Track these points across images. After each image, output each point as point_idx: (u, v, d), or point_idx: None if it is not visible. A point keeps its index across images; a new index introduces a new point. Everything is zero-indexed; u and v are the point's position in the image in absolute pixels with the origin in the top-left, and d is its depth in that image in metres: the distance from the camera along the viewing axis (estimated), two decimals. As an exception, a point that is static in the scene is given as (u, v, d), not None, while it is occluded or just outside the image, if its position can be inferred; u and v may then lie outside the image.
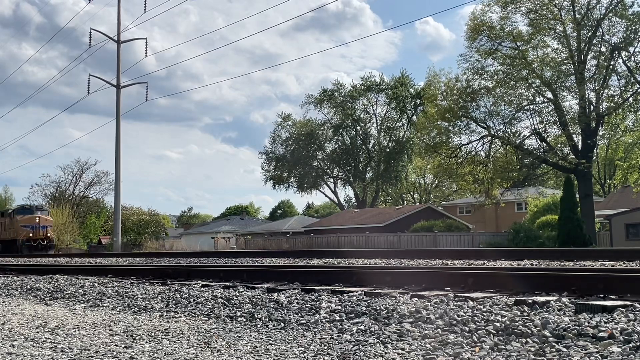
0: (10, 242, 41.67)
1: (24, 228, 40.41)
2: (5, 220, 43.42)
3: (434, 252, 13.16)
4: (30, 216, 41.69)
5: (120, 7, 45.19)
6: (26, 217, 41.47)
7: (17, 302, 7.57)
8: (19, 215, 41.85)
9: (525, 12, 35.65)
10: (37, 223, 41.06)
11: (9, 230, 42.20)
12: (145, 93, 43.78)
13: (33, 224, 41.08)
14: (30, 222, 41.05)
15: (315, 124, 68.15)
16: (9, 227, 42.25)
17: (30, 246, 39.89)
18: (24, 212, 42.18)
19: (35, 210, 42.65)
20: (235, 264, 11.81)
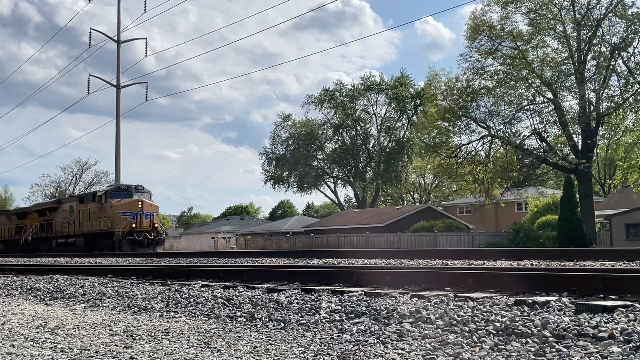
0: (100, 236, 31.37)
1: (122, 216, 30.17)
2: (92, 206, 32.67)
3: (434, 252, 13.16)
4: (130, 200, 31.00)
5: (120, 7, 45.22)
6: (125, 202, 30.94)
7: (17, 302, 7.57)
8: (114, 198, 31.19)
9: (526, 12, 35.67)
10: (140, 209, 30.71)
11: (100, 220, 31.63)
12: (145, 93, 43.78)
13: (135, 211, 30.66)
14: (130, 208, 30.68)
15: (316, 124, 68.16)
16: (100, 216, 31.68)
17: (133, 241, 29.86)
18: (121, 195, 31.60)
19: (135, 192, 31.91)
20: (235, 264, 11.81)
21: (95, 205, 32.27)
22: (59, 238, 35.24)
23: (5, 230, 42.71)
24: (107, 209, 31.18)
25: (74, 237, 33.67)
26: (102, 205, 31.61)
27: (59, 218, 35.91)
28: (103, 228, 31.27)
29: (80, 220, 33.56)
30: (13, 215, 43.25)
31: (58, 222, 35.62)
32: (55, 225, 36.05)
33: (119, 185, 33.55)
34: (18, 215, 42.17)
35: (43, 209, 38.38)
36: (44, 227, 37.30)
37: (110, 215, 30.87)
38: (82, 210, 33.58)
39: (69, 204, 35.14)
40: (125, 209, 30.77)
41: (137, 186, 32.69)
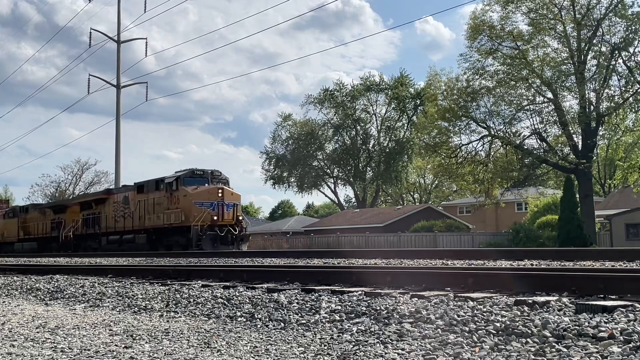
0: (169, 231, 26.35)
1: (199, 207, 25.00)
2: (156, 195, 27.45)
3: (434, 252, 13.15)
4: (209, 188, 25.95)
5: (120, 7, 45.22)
6: (202, 190, 25.72)
7: (17, 302, 7.57)
8: (189, 186, 26.04)
9: (526, 11, 35.69)
10: (221, 198, 25.45)
11: (169, 212, 26.22)
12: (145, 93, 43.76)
13: (215, 201, 25.38)
14: (209, 198, 25.47)
15: (315, 123, 68.19)
16: (169, 207, 26.32)
17: (215, 237, 24.70)
18: (196, 181, 26.48)
19: (212, 178, 26.84)
20: (235, 264, 11.81)
21: (162, 195, 26.94)
22: (110, 234, 30.60)
23: (38, 226, 38.44)
24: (180, 198, 25.79)
25: (132, 233, 28.85)
26: (172, 194, 26.21)
27: (108, 211, 31.19)
28: (174, 221, 25.79)
29: (140, 212, 28.44)
30: (48, 209, 38.50)
31: (108, 216, 31.05)
32: (104, 220, 31.51)
33: (192, 169, 27.27)
34: (55, 208, 37.48)
35: (87, 201, 33.98)
36: (89, 221, 32.95)
37: (185, 205, 25.44)
38: (143, 201, 28.29)
39: (123, 195, 30.48)
40: (203, 198, 25.37)
41: (213, 171, 27.56)
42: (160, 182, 27.86)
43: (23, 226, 40.22)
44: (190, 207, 25.32)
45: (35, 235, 38.50)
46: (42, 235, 37.58)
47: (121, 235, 29.70)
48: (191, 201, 25.46)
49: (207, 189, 26.17)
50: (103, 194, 33.01)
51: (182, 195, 25.94)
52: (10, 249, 41.42)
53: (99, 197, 32.87)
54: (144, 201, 28.39)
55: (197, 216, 24.89)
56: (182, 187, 26.22)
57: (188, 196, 25.69)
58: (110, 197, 31.72)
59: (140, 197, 28.75)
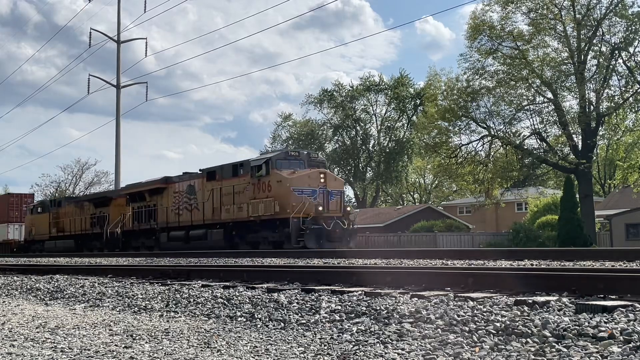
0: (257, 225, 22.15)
1: (298, 196, 20.89)
2: (237, 182, 23.24)
3: (434, 252, 13.16)
4: (309, 172, 21.82)
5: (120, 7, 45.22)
6: (302, 174, 21.57)
7: (17, 302, 7.57)
8: (283, 169, 21.84)
9: (526, 11, 35.69)
10: (324, 185, 21.51)
11: (257, 202, 21.92)
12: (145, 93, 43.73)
13: (317, 187, 21.39)
14: (310, 184, 21.39)
15: (315, 124, 68.19)
16: (256, 195, 22.15)
17: (321, 232, 20.53)
18: (291, 164, 22.24)
19: (309, 160, 22.70)
20: (235, 264, 11.81)
21: (245, 181, 22.78)
22: (171, 229, 26.51)
23: (75, 222, 34.28)
24: (272, 184, 21.57)
25: (201, 228, 24.66)
26: (260, 180, 21.98)
27: (167, 202, 27.16)
28: (264, 213, 21.65)
29: (213, 203, 24.17)
30: (87, 202, 34.54)
31: (168, 209, 26.95)
32: (161, 213, 27.43)
33: (285, 150, 24.36)
34: (96, 201, 33.60)
35: (139, 191, 29.51)
36: (141, 215, 28.98)
37: (279, 193, 21.18)
38: (216, 189, 24.07)
39: (186, 183, 26.32)
40: (303, 184, 21.22)
41: (309, 152, 24.01)
42: (240, 166, 23.59)
43: (55, 222, 36.11)
44: (288, 196, 20.87)
45: (71, 233, 34.45)
46: (80, 233, 33.57)
47: (187, 230, 25.48)
48: (288, 188, 20.95)
49: (307, 173, 21.71)
50: (160, 183, 28.13)
51: (275, 181, 21.45)
52: (40, 247, 37.43)
53: (155, 187, 28.22)
54: (217, 190, 23.97)
55: (296, 206, 20.38)
56: (275, 170, 21.59)
57: (284, 182, 21.17)
58: (169, 187, 27.38)
59: (212, 185, 24.34)
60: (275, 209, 21.38)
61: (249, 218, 22.51)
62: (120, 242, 29.98)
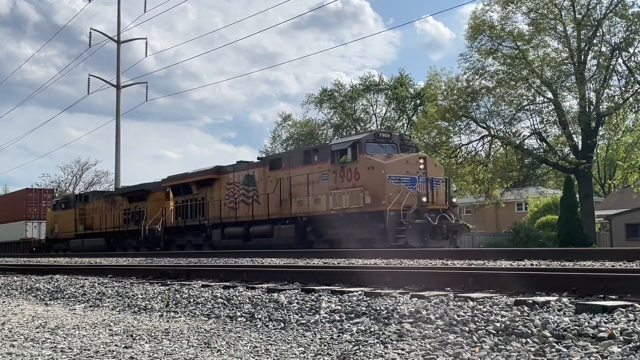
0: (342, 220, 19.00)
1: (396, 184, 17.84)
2: (317, 169, 20.19)
3: (434, 252, 13.15)
4: (408, 156, 18.77)
5: (120, 7, 45.21)
6: (398, 160, 18.50)
7: (17, 302, 7.57)
8: (375, 154, 18.76)
9: (526, 11, 35.71)
10: (424, 172, 18.41)
11: (343, 193, 18.96)
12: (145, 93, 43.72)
13: (416, 175, 18.27)
14: (409, 171, 18.27)
15: (315, 124, 68.22)
16: (342, 184, 19.12)
17: (425, 227, 17.49)
18: (382, 148, 19.15)
19: (401, 143, 19.64)
20: (235, 264, 11.82)
21: (324, 168, 19.80)
22: (226, 225, 23.79)
23: (105, 219, 31.90)
24: (360, 171, 18.57)
25: (265, 224, 21.78)
26: (345, 166, 18.95)
27: (219, 195, 24.42)
28: (350, 205, 18.66)
29: (281, 195, 21.24)
30: (120, 196, 31.77)
31: (222, 202, 24.15)
32: (213, 207, 24.57)
33: (374, 131, 21.26)
34: (130, 195, 30.79)
35: (184, 183, 26.55)
36: (187, 210, 26.14)
37: (371, 181, 18.20)
38: (284, 179, 21.20)
39: (243, 173, 23.54)
40: (400, 171, 18.16)
41: (402, 135, 21.11)
42: (315, 152, 20.73)
43: (82, 219, 33.70)
44: (382, 184, 17.86)
45: (101, 230, 31.86)
46: (111, 230, 31.14)
47: (246, 226, 22.67)
48: (383, 175, 17.89)
49: (405, 157, 18.65)
50: (211, 174, 25.17)
51: (366, 168, 18.45)
52: (64, 247, 35.30)
53: (204, 178, 25.31)
54: (285, 180, 21.15)
55: (392, 197, 17.47)
56: (365, 155, 18.58)
57: (377, 168, 18.17)
58: (221, 177, 24.63)
59: (277, 175, 21.58)
60: (364, 200, 18.33)
61: (328, 212, 19.44)
62: (162, 240, 27.16)
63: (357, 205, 18.58)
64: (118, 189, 33.47)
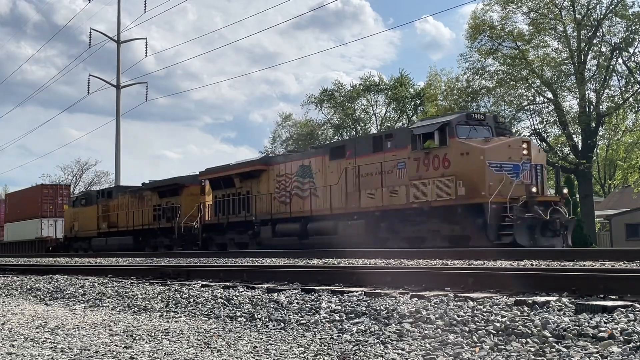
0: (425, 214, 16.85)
1: (497, 173, 15.66)
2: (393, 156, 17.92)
3: (434, 252, 13.15)
4: (510, 140, 16.52)
5: (120, 7, 45.20)
6: (499, 144, 16.16)
7: (17, 302, 7.57)
8: (470, 138, 16.46)
9: (526, 11, 35.72)
10: (528, 158, 16.17)
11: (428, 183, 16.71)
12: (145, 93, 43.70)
13: (519, 162, 16.04)
14: (512, 157, 16.03)
15: (315, 124, 68.22)
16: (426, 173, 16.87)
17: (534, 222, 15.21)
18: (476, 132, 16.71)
19: (496, 127, 17.02)
20: (235, 264, 11.83)
21: (401, 155, 17.56)
22: (278, 222, 21.53)
23: (133, 216, 29.71)
24: (452, 157, 16.26)
25: (328, 220, 19.57)
26: (431, 152, 16.65)
27: (268, 187, 22.27)
28: (437, 197, 16.35)
29: (347, 187, 19.04)
30: (149, 191, 29.49)
31: (272, 196, 22.03)
32: (261, 201, 22.44)
33: (466, 112, 18.56)
34: (161, 190, 28.49)
35: (225, 176, 24.32)
36: (230, 205, 23.92)
37: (466, 169, 15.93)
38: (351, 169, 19.02)
39: (297, 163, 21.42)
40: (502, 157, 15.87)
41: (495, 116, 18.47)
42: (388, 137, 18.41)
43: (106, 216, 31.81)
44: (481, 172, 15.63)
45: (128, 228, 29.78)
46: (140, 227, 29.01)
47: (302, 222, 20.43)
48: (482, 162, 15.63)
49: (507, 141, 16.28)
50: (257, 165, 23.14)
51: (459, 154, 16.12)
52: (85, 246, 33.39)
53: (249, 170, 23.10)
54: (351, 169, 18.92)
55: (494, 187, 15.21)
56: (456, 139, 16.24)
57: (474, 154, 15.84)
58: (269, 169, 22.46)
59: (341, 164, 19.39)
60: (457, 192, 15.93)
61: (409, 205, 17.11)
62: (199, 239, 25.04)
63: (446, 197, 16.21)
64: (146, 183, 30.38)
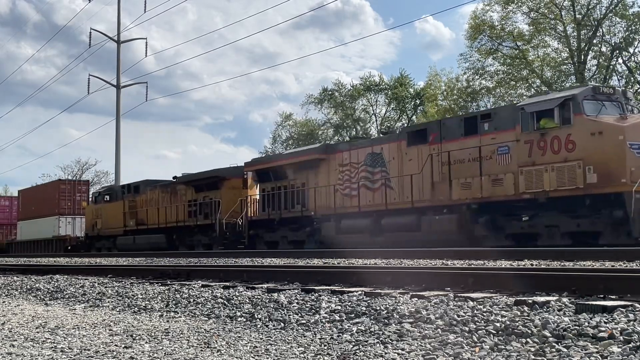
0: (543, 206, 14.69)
1: (638, 157, 13.38)
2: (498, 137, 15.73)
3: (434, 252, 13.15)
4: None
5: (120, 7, 45.18)
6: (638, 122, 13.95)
7: (17, 302, 7.57)
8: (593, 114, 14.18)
9: (526, 11, 35.74)
10: None
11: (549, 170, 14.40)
12: (145, 93, 43.68)
13: None
14: None
15: (315, 123, 68.21)
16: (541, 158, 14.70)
17: None
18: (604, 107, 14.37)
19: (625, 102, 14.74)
20: (235, 264, 11.83)
21: (505, 138, 15.47)
22: (344, 217, 19.26)
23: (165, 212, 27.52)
24: (578, 138, 14.08)
25: (407, 214, 17.34)
26: (548, 133, 14.55)
27: (329, 179, 20.16)
28: (559, 186, 14.21)
29: (432, 176, 16.87)
30: (183, 185, 27.35)
31: (335, 188, 19.84)
32: (321, 195, 20.27)
33: (590, 85, 16.16)
34: (198, 184, 26.34)
35: (276, 167, 22.25)
36: (281, 199, 21.79)
37: (600, 152, 13.71)
38: (437, 155, 16.84)
39: (364, 151, 19.22)
40: None
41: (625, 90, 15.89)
42: (484, 117, 16.24)
43: (133, 212, 29.89)
44: (621, 156, 13.43)
45: (159, 225, 27.58)
46: (173, 224, 26.83)
47: (375, 217, 18.28)
48: (622, 143, 13.41)
49: None
50: (316, 153, 20.95)
51: (588, 133, 13.93)
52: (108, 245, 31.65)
53: (306, 159, 21.02)
54: (437, 156, 16.78)
55: (636, 173, 13.18)
56: (583, 116, 14.10)
57: (610, 133, 13.65)
58: (330, 158, 20.33)
59: (423, 150, 17.23)
60: (586, 179, 13.77)
61: (517, 196, 15.06)
62: (245, 237, 22.80)
63: (570, 186, 14.04)
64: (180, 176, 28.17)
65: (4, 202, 49.38)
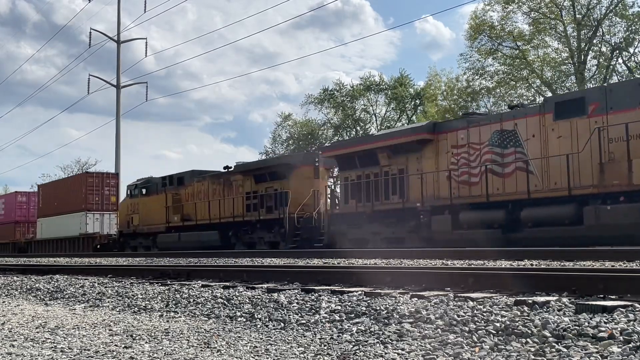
0: None
1: None
2: None
3: (434, 252, 13.15)
4: None
5: (120, 7, 45.21)
6: None
7: (17, 302, 7.57)
8: None
9: (526, 11, 35.76)
10: None
11: None
12: (145, 93, 43.64)
13: None
14: None
15: (315, 124, 68.21)
16: None
17: None
18: None
19: None
20: (235, 264, 11.83)
21: None
22: (461, 209, 16.41)
23: (218, 205, 24.54)
24: None
25: (562, 204, 14.44)
26: None
27: (437, 163, 17.30)
28: None
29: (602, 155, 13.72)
30: (239, 174, 24.26)
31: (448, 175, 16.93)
32: (428, 183, 17.32)
33: None
34: (259, 173, 23.49)
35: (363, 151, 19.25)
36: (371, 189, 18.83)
37: None
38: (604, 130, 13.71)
39: (488, 128, 16.18)
40: None
41: None
42: None
43: (177, 207, 26.50)
44: None
45: (211, 220, 24.64)
46: (228, 219, 23.95)
47: (510, 209, 15.45)
48: None
49: None
50: (420, 133, 17.71)
51: None
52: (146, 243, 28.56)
53: (406, 141, 17.87)
54: (604, 131, 13.70)
55: None
56: None
57: None
58: (439, 138, 17.36)
59: (581, 124, 14.28)
60: None
61: None
62: (325, 233, 19.98)
63: None
64: (236, 165, 24.77)
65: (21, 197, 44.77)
